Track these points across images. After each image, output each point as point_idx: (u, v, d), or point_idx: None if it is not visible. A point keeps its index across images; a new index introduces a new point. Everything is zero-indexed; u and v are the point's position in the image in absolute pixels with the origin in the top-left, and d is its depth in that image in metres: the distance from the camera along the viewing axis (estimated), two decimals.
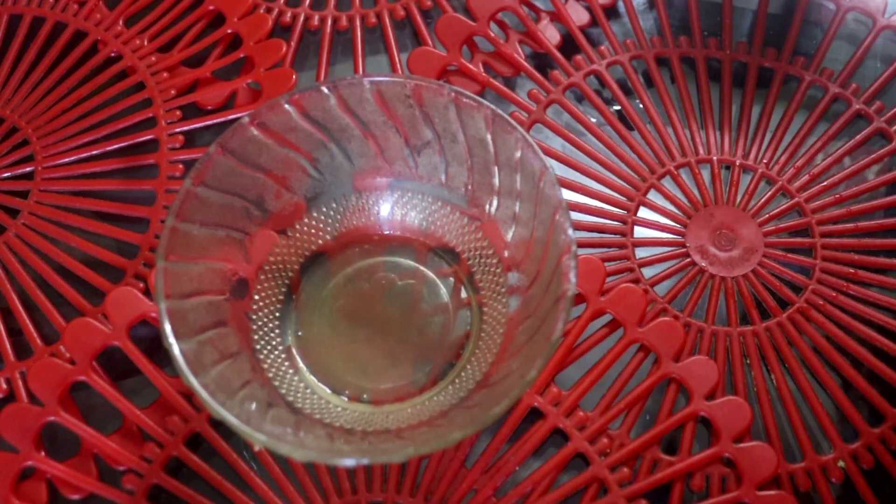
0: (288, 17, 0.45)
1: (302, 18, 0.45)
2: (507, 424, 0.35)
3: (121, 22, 0.45)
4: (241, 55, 0.43)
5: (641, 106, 0.43)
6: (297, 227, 0.36)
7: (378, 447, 0.31)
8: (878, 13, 0.44)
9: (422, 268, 0.36)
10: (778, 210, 0.41)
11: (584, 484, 0.34)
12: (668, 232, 0.40)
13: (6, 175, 0.41)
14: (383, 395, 0.34)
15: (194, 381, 0.28)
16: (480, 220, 0.35)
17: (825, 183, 0.41)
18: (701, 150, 0.42)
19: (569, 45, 0.44)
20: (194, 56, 0.44)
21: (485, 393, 0.32)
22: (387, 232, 0.37)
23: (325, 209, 0.36)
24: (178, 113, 0.42)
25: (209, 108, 0.42)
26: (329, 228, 0.36)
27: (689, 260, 0.40)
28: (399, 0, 0.45)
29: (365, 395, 0.34)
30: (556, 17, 0.44)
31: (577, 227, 0.40)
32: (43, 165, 0.41)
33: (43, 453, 0.34)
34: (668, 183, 0.41)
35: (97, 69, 0.44)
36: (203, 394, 0.28)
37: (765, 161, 0.42)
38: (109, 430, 0.35)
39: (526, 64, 0.43)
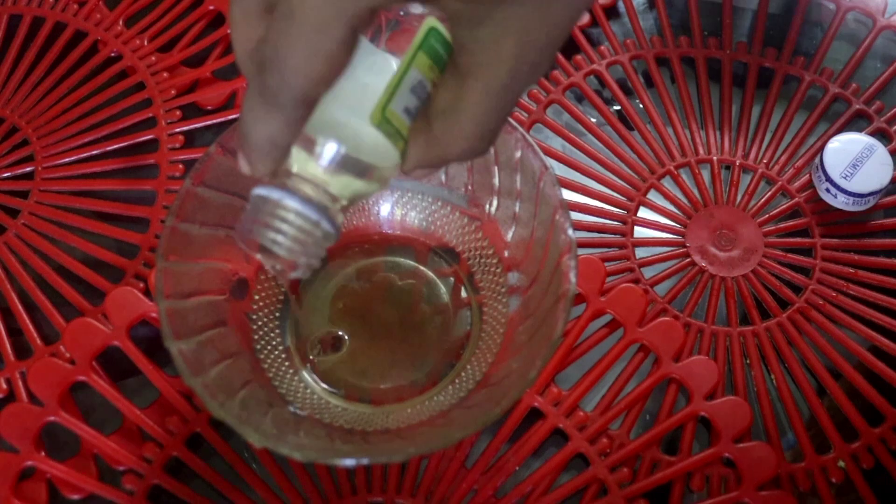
0: None
1: None
2: (507, 424, 0.35)
3: (121, 22, 0.45)
4: None
5: (641, 106, 0.43)
6: None
7: (378, 447, 0.31)
8: (878, 13, 0.44)
9: (422, 268, 0.36)
10: (778, 210, 0.41)
11: (584, 484, 0.34)
12: (668, 232, 0.40)
13: (6, 175, 0.41)
14: (383, 395, 0.34)
15: (194, 381, 0.28)
16: (480, 220, 0.35)
17: None
18: (701, 150, 0.42)
19: (569, 45, 0.44)
20: (194, 56, 0.44)
21: (485, 393, 0.32)
22: (387, 232, 0.37)
23: None
24: (178, 113, 0.42)
25: (209, 108, 0.42)
26: None
27: (689, 260, 0.40)
28: None
29: (365, 396, 0.34)
30: None
31: (577, 227, 0.40)
32: (43, 165, 0.41)
33: (43, 453, 0.34)
34: (668, 183, 0.41)
35: (97, 69, 0.44)
36: (203, 394, 0.27)
37: (765, 161, 0.42)
38: (109, 430, 0.35)
39: None
